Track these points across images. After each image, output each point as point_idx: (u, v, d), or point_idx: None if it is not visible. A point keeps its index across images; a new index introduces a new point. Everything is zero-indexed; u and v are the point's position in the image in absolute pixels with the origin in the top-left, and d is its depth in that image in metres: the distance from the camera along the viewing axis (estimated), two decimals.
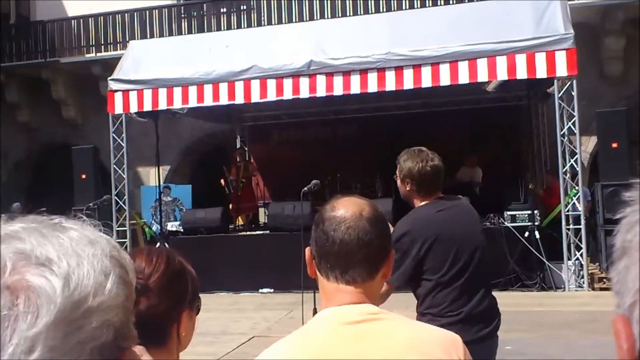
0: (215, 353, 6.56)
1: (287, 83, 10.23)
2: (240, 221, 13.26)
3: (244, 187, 12.81)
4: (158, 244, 11.38)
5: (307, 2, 14.72)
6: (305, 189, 6.59)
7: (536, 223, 9.71)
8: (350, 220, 1.47)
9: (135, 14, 15.86)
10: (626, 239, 0.55)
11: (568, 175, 9.69)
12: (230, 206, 12.73)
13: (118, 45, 15.72)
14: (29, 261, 0.57)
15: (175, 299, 1.46)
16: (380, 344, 1.40)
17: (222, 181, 13.08)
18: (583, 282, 9.29)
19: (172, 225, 12.69)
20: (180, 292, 1.48)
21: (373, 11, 14.12)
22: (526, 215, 9.82)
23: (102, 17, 16.07)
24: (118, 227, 11.26)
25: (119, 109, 11.07)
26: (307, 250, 1.55)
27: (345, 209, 1.49)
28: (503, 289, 9.30)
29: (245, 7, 15.45)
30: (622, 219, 0.56)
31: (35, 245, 0.58)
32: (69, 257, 0.59)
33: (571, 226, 9.50)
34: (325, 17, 14.25)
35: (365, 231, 1.46)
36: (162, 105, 10.94)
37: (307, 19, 14.44)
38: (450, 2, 13.72)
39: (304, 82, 10.15)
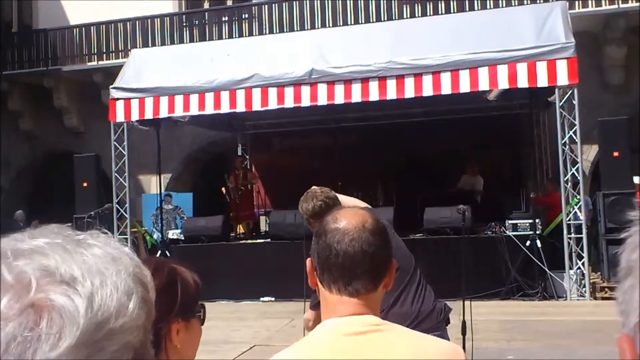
0: None
1: (289, 91, 10.24)
2: (241, 229, 13.26)
3: (243, 195, 12.82)
4: (159, 252, 11.38)
5: (308, 10, 14.77)
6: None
7: (538, 232, 9.70)
8: (353, 232, 1.46)
9: (137, 22, 15.92)
10: (631, 258, 0.55)
11: (569, 184, 9.68)
12: (231, 214, 12.73)
13: (120, 53, 15.78)
14: (54, 278, 0.56)
15: (159, 310, 1.42)
16: (382, 355, 1.39)
17: (224, 189, 13.09)
18: (585, 292, 9.26)
19: (173, 234, 12.68)
20: (166, 303, 1.44)
21: (374, 20, 14.17)
22: (527, 224, 9.81)
23: (104, 26, 16.13)
24: (119, 235, 11.25)
25: (120, 117, 11.09)
26: (308, 261, 1.54)
27: (348, 221, 1.49)
28: (504, 298, 9.29)
29: (246, 15, 15.50)
30: (627, 239, 0.56)
31: (60, 263, 0.57)
32: (92, 276, 0.58)
33: (572, 235, 9.49)
34: (327, 25, 14.30)
35: (369, 243, 1.46)
36: (164, 113, 10.95)
37: (309, 27, 14.49)
38: (452, 11, 13.76)
39: (305, 90, 10.16)
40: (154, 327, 1.39)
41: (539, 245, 9.45)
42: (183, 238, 11.91)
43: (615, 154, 9.67)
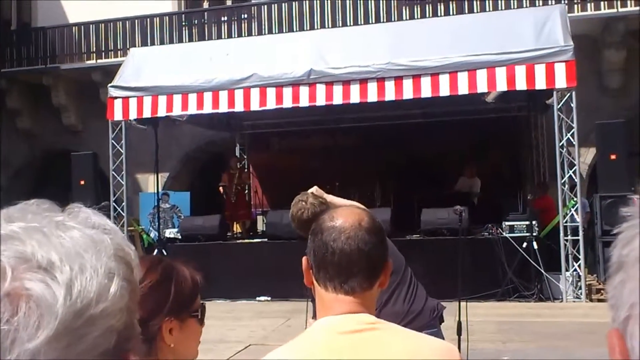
0: None
1: (287, 92, 10.25)
2: (238, 229, 13.27)
3: (238, 195, 12.85)
4: (155, 251, 11.37)
5: (307, 11, 14.78)
6: None
7: (534, 234, 9.71)
8: (349, 230, 1.47)
9: (136, 21, 15.91)
10: (622, 253, 0.56)
11: (567, 186, 9.70)
12: (226, 213, 12.75)
13: (119, 52, 15.77)
14: (30, 265, 0.54)
15: (151, 307, 1.40)
16: (377, 354, 1.40)
17: (221, 188, 13.10)
18: (581, 294, 9.29)
19: (170, 232, 12.68)
20: (158, 301, 1.42)
21: (373, 21, 14.18)
22: (524, 226, 9.83)
23: (103, 24, 16.12)
24: None
25: (118, 115, 11.09)
26: (304, 259, 1.54)
27: (344, 219, 1.50)
28: (501, 299, 9.31)
29: (246, 15, 15.51)
30: (619, 234, 0.57)
31: (37, 248, 0.55)
32: (71, 261, 0.55)
33: (569, 237, 9.51)
34: (326, 26, 14.31)
35: (365, 241, 1.46)
36: (162, 112, 10.95)
37: (308, 28, 14.50)
38: (451, 13, 13.78)
39: (304, 90, 10.17)
40: (145, 324, 1.37)
41: (536, 247, 9.47)
42: (180, 237, 11.91)
43: (613, 156, 9.69)
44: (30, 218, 0.59)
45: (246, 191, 13.67)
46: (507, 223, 9.96)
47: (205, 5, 16.64)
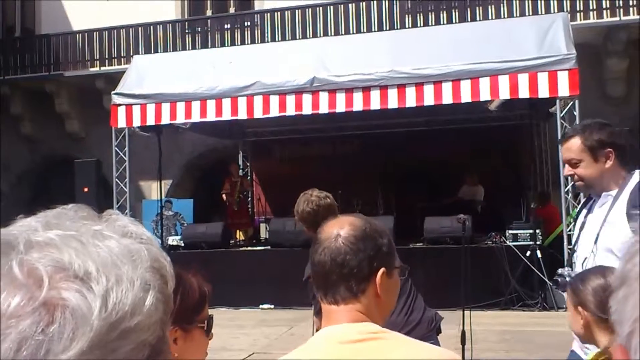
0: None
1: (290, 99, 10.26)
2: (240, 236, 13.26)
3: (239, 203, 12.86)
4: None
5: (310, 19, 14.81)
6: None
7: (538, 242, 9.68)
8: (326, 242, 1.50)
9: (139, 29, 15.96)
10: (626, 268, 0.55)
11: (570, 194, 9.68)
12: (228, 221, 12.76)
13: (122, 59, 15.82)
14: (67, 274, 0.53)
15: None
16: None
17: (224, 196, 13.10)
18: None
19: (172, 240, 12.67)
20: None
21: (376, 29, 14.21)
22: (528, 235, 9.80)
23: (106, 32, 16.18)
24: None
25: (122, 122, 11.10)
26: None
27: (325, 231, 1.53)
28: (504, 308, 9.27)
29: (249, 23, 15.55)
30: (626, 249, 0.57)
31: (74, 257, 0.54)
32: (108, 272, 0.55)
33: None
34: (329, 34, 14.34)
35: (339, 251, 1.48)
36: (165, 119, 10.96)
37: (311, 36, 14.53)
38: (454, 21, 13.81)
39: (307, 98, 10.18)
40: None
41: (539, 255, 9.44)
42: (183, 244, 11.90)
43: None
44: (68, 225, 0.58)
45: (248, 199, 13.66)
46: (510, 231, 9.94)
47: (209, 13, 16.69)
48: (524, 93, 9.37)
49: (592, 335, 2.29)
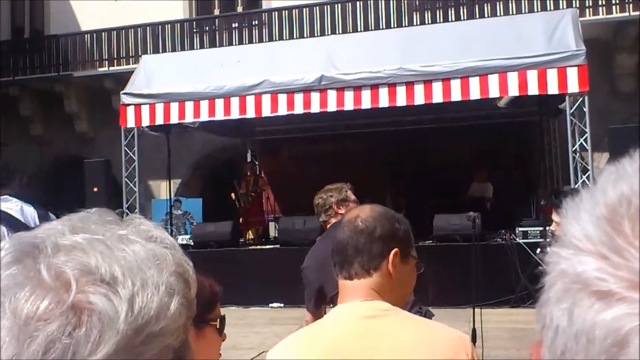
0: None
1: (298, 98, 10.26)
2: (250, 235, 13.27)
3: (253, 201, 12.84)
4: None
5: (318, 17, 14.80)
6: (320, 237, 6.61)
7: (548, 239, 9.64)
8: (346, 223, 1.68)
9: (148, 28, 16.01)
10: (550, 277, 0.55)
11: None
12: (240, 220, 12.76)
13: (131, 59, 15.87)
14: (94, 277, 0.53)
15: None
16: (390, 340, 1.43)
17: (233, 195, 13.12)
18: None
19: (182, 239, 12.71)
20: None
21: (384, 27, 14.18)
22: (538, 232, 9.76)
23: (115, 32, 16.23)
24: None
25: (131, 122, 11.14)
26: None
27: (349, 214, 1.72)
28: (514, 306, 9.24)
29: (256, 22, 15.56)
30: None
31: (100, 261, 0.55)
32: (133, 276, 0.55)
33: None
34: (337, 32, 14.32)
35: (356, 230, 1.63)
36: (174, 119, 10.99)
37: (319, 34, 14.52)
38: (462, 18, 13.76)
39: (315, 97, 10.18)
40: None
41: None
42: (192, 243, 11.93)
43: None
44: (94, 229, 0.58)
45: (261, 197, 13.62)
46: (520, 229, 9.90)
47: (216, 12, 16.72)
48: (533, 90, 9.33)
49: None
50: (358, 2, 14.60)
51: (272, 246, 11.88)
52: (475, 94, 9.49)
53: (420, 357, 1.39)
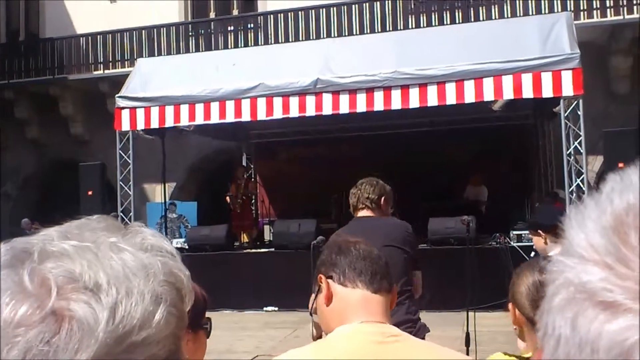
0: None
1: (294, 101, 10.26)
2: (245, 239, 13.26)
3: (243, 205, 12.85)
4: None
5: (314, 21, 14.82)
6: (314, 242, 6.58)
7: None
8: (362, 241, 1.65)
9: (143, 32, 15.99)
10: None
11: (574, 194, 9.65)
12: (232, 223, 12.77)
13: (126, 62, 15.85)
14: (77, 285, 0.53)
15: None
16: None
17: (228, 198, 13.11)
18: None
19: (177, 242, 12.67)
20: None
21: (379, 30, 14.19)
22: None
23: (110, 35, 16.21)
24: None
25: (126, 126, 11.12)
26: (321, 278, 1.60)
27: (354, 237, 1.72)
28: (508, 310, 9.24)
29: (252, 25, 15.56)
30: None
31: (86, 268, 0.54)
32: (118, 284, 0.55)
33: None
34: (332, 35, 14.34)
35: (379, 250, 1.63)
36: (169, 122, 10.98)
37: (314, 37, 14.53)
38: (457, 21, 13.79)
39: (310, 100, 10.18)
40: None
41: None
42: (187, 247, 11.91)
43: (621, 165, 9.63)
44: (87, 236, 0.58)
45: (252, 201, 13.67)
46: (514, 232, 9.91)
47: (212, 15, 16.71)
48: (527, 93, 9.35)
49: (522, 337, 2.06)
50: (354, 5, 14.62)
51: (266, 250, 11.87)
52: (470, 97, 9.51)
53: None
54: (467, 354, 5.06)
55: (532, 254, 9.62)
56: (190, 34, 15.97)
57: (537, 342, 1.89)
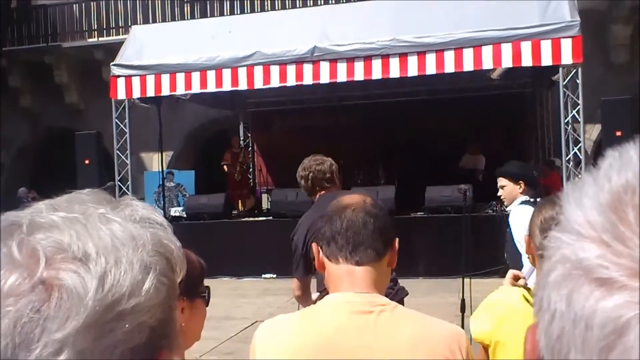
0: (218, 337, 6.61)
1: (291, 69, 10.19)
2: (242, 207, 13.33)
3: (241, 174, 12.89)
4: None
5: None
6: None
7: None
8: (355, 205, 1.58)
9: None
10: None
11: (571, 163, 9.67)
12: (229, 192, 12.82)
13: (120, 30, 15.68)
14: (66, 255, 0.54)
15: None
16: (386, 338, 1.41)
17: (225, 167, 13.11)
18: None
19: (175, 211, 12.71)
20: None
21: None
22: None
23: (104, 2, 16.01)
24: None
25: (121, 94, 11.05)
26: (314, 245, 1.61)
27: (350, 198, 1.62)
28: (504, 276, 9.31)
29: None
30: None
31: (74, 239, 0.55)
32: (107, 254, 0.55)
33: None
34: (330, 2, 14.18)
35: (371, 213, 1.56)
36: (165, 91, 10.91)
37: (311, 4, 14.37)
38: None
39: (308, 68, 10.11)
40: None
41: None
42: (185, 215, 11.95)
43: (618, 133, 9.63)
44: (75, 208, 0.59)
45: (249, 170, 13.67)
46: None
47: None
48: (526, 61, 9.30)
49: (535, 264, 2.08)
50: None
51: (264, 218, 11.92)
52: (469, 65, 9.46)
53: (415, 357, 1.40)
54: (463, 319, 5.12)
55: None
56: (185, 0, 15.77)
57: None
